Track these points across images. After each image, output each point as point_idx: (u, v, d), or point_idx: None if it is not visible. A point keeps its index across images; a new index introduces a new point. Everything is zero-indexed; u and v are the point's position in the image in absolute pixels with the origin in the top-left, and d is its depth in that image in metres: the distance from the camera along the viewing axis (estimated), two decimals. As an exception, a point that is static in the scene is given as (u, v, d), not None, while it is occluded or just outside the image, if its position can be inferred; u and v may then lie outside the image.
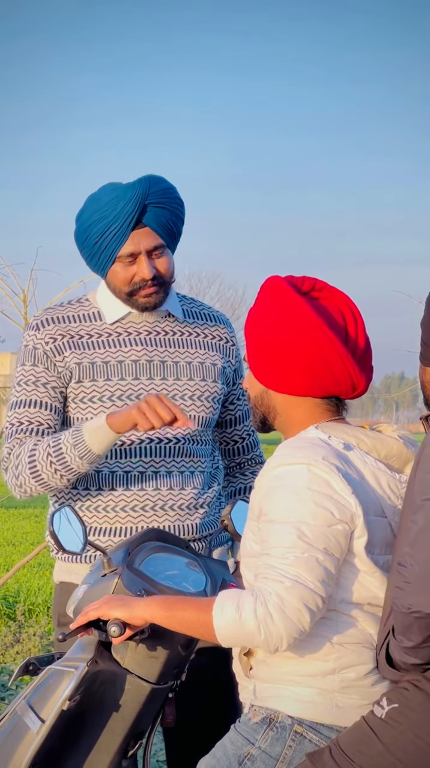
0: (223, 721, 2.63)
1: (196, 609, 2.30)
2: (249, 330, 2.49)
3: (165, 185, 3.00)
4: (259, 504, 2.36)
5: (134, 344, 3.04)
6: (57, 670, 2.47)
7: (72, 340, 3.02)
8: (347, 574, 2.33)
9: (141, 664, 2.51)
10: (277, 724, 2.34)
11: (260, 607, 2.21)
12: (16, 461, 2.96)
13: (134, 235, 2.94)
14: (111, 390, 3.00)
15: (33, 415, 2.99)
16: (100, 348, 3.02)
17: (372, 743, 2.24)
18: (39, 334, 3.03)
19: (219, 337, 3.17)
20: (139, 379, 3.02)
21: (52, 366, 3.01)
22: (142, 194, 2.93)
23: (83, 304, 3.09)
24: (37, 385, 3.01)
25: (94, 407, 3.00)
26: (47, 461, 2.90)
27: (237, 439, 3.25)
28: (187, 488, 3.03)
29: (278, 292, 2.45)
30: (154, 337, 3.07)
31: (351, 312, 2.46)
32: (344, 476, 2.30)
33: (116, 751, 2.55)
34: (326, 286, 2.49)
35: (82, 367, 3.00)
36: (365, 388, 2.46)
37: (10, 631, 7.24)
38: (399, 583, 2.16)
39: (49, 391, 3.01)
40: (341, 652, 2.34)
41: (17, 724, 2.47)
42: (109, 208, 2.93)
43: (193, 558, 2.75)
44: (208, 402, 3.08)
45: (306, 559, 2.23)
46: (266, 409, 2.49)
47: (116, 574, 2.51)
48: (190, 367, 3.08)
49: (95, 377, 3.00)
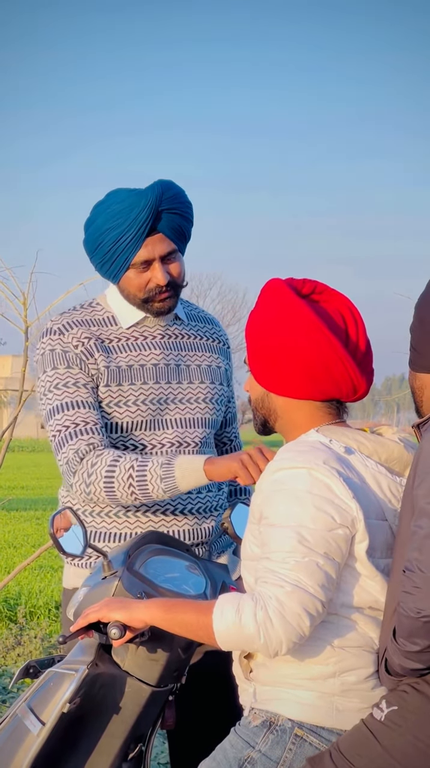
0: (223, 724, 2.63)
1: (196, 612, 2.30)
2: (250, 333, 2.49)
3: (176, 190, 2.99)
4: (259, 507, 2.36)
5: (153, 348, 3.05)
6: (57, 672, 2.47)
7: (98, 343, 3.00)
8: (348, 578, 2.32)
9: (141, 667, 2.51)
10: (277, 727, 2.34)
11: (259, 611, 2.21)
12: (91, 470, 2.90)
13: (148, 242, 2.94)
14: (135, 394, 3.00)
15: (85, 415, 2.93)
16: (122, 352, 3.02)
17: (372, 746, 2.24)
18: (65, 337, 2.99)
19: (218, 340, 3.19)
20: (159, 383, 3.03)
21: (86, 368, 2.98)
22: (155, 201, 2.92)
23: (95, 308, 3.07)
24: (78, 387, 2.96)
25: (119, 411, 2.98)
26: (127, 482, 2.86)
27: (231, 439, 3.28)
28: (203, 491, 3.04)
29: (278, 295, 2.44)
30: (168, 340, 3.08)
31: (352, 314, 2.46)
32: (345, 480, 2.30)
33: (116, 754, 2.55)
34: (326, 288, 2.48)
35: (110, 370, 2.99)
36: (365, 391, 2.46)
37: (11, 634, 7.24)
38: (407, 588, 2.16)
39: (90, 392, 2.97)
40: (342, 656, 2.34)
41: (18, 726, 2.47)
42: (122, 216, 2.92)
43: (193, 561, 2.75)
44: (216, 404, 3.11)
45: (306, 563, 2.23)
46: (267, 412, 2.49)
47: (116, 576, 2.51)
48: (200, 369, 3.10)
49: (121, 381, 2.99)
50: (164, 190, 2.95)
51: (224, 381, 3.15)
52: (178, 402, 3.03)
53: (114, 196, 2.97)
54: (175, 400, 3.03)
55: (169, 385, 3.03)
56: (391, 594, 2.29)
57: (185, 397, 3.05)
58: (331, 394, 2.43)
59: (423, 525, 2.17)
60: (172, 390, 3.03)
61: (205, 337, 3.16)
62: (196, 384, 3.08)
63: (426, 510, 2.18)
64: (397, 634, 2.21)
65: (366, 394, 2.48)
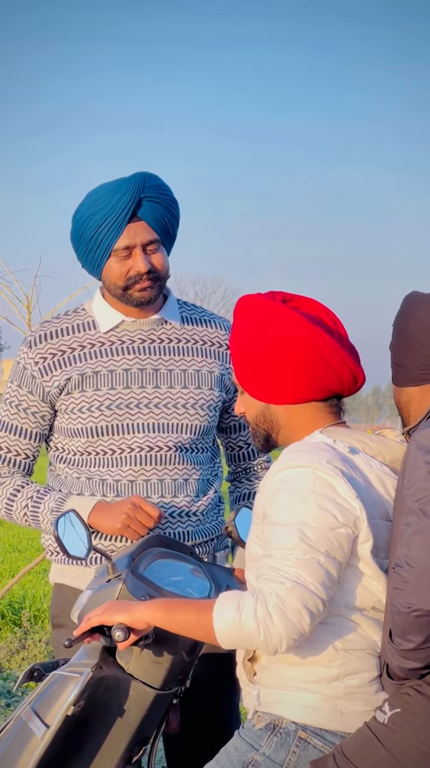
0: (226, 727, 2.63)
1: (196, 610, 2.30)
2: (236, 351, 2.49)
3: (160, 182, 3.01)
4: (263, 507, 2.37)
5: (127, 353, 3.03)
6: (61, 675, 2.47)
7: (63, 357, 3.02)
8: (351, 578, 2.33)
9: (145, 670, 2.52)
10: (281, 729, 2.35)
11: (259, 607, 2.21)
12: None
13: (130, 228, 2.94)
14: (100, 399, 2.99)
15: (12, 443, 3.07)
16: (92, 358, 3.01)
17: (375, 749, 2.24)
18: (30, 352, 3.04)
19: (218, 344, 3.13)
20: (130, 388, 3.01)
21: (37, 388, 3.03)
22: (137, 187, 2.93)
23: (79, 313, 3.09)
24: (19, 410, 3.06)
25: (83, 417, 3.00)
26: (22, 513, 3.03)
27: (242, 445, 3.24)
28: (179, 496, 3.02)
29: (257, 307, 2.46)
30: (149, 345, 3.05)
31: (328, 315, 2.49)
32: (348, 480, 2.31)
33: (120, 757, 2.55)
34: (295, 296, 2.52)
35: (72, 380, 3.00)
36: (364, 380, 2.48)
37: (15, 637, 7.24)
38: (397, 584, 2.18)
39: (29, 417, 3.05)
40: (345, 659, 2.34)
41: (22, 729, 2.48)
42: (104, 201, 2.94)
43: (197, 564, 2.75)
44: (202, 410, 3.06)
45: (307, 560, 2.24)
46: (269, 426, 2.49)
47: (120, 579, 2.52)
48: (185, 375, 3.06)
49: (85, 387, 3.00)
50: (147, 179, 2.97)
51: (219, 386, 3.10)
52: (153, 407, 3.01)
53: (100, 186, 3.00)
54: (150, 405, 3.01)
55: (143, 390, 3.01)
56: (388, 596, 2.30)
57: (163, 401, 3.02)
58: (333, 389, 2.44)
59: (411, 522, 2.19)
60: (146, 395, 3.01)
61: (201, 341, 3.11)
62: (177, 389, 3.04)
63: (413, 508, 2.20)
64: (393, 634, 2.22)
65: (364, 382, 2.51)
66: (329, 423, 2.46)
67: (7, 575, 10.01)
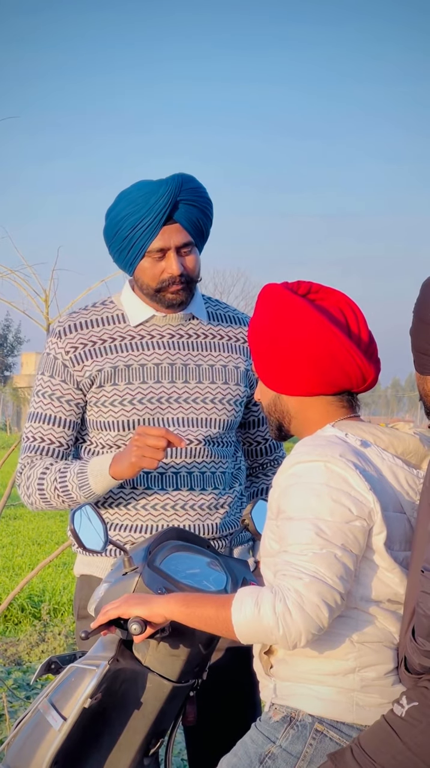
0: (244, 720, 2.63)
1: (215, 605, 2.30)
2: (254, 339, 2.50)
3: (197, 184, 3.02)
4: (277, 502, 2.37)
5: (157, 347, 3.05)
6: (79, 668, 2.48)
7: (94, 347, 3.03)
8: (367, 571, 2.33)
9: (162, 663, 2.52)
10: (297, 722, 2.35)
11: (278, 603, 2.21)
12: (27, 482, 3.05)
13: (165, 231, 2.96)
14: (132, 393, 3.01)
15: (46, 432, 3.06)
16: (123, 351, 3.03)
17: (393, 742, 2.24)
18: (60, 342, 3.05)
19: (243, 339, 3.17)
20: (160, 383, 3.03)
21: (70, 377, 3.04)
22: (174, 190, 2.95)
23: (108, 306, 3.11)
24: (53, 399, 3.05)
25: (114, 410, 3.01)
26: (54, 493, 3.00)
27: (260, 440, 3.26)
28: (207, 489, 3.04)
29: (277, 298, 2.46)
30: (178, 340, 3.08)
31: (350, 308, 2.48)
32: (361, 473, 2.31)
33: (138, 750, 2.55)
34: (322, 287, 2.50)
35: (103, 372, 3.02)
36: (374, 378, 2.48)
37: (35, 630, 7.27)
38: (426, 588, 2.15)
39: (63, 405, 3.05)
40: (362, 651, 2.34)
41: (39, 721, 2.48)
42: (141, 202, 2.94)
43: (214, 557, 2.75)
44: (229, 405, 3.09)
45: (324, 555, 2.23)
46: (280, 415, 2.50)
47: (137, 572, 2.52)
48: (213, 370, 3.09)
49: (116, 381, 3.02)
50: (184, 181, 2.98)
51: (245, 381, 3.13)
52: (183, 401, 3.03)
53: (137, 185, 3.00)
54: (179, 400, 3.03)
55: (173, 384, 3.04)
56: (410, 592, 2.28)
57: (192, 396, 3.04)
58: (341, 385, 2.44)
59: None
60: (176, 389, 3.04)
61: (227, 336, 3.14)
62: (205, 384, 3.07)
63: None
64: (416, 633, 2.20)
65: (375, 382, 2.50)
66: (341, 416, 2.46)
67: (26, 568, 10.05)
